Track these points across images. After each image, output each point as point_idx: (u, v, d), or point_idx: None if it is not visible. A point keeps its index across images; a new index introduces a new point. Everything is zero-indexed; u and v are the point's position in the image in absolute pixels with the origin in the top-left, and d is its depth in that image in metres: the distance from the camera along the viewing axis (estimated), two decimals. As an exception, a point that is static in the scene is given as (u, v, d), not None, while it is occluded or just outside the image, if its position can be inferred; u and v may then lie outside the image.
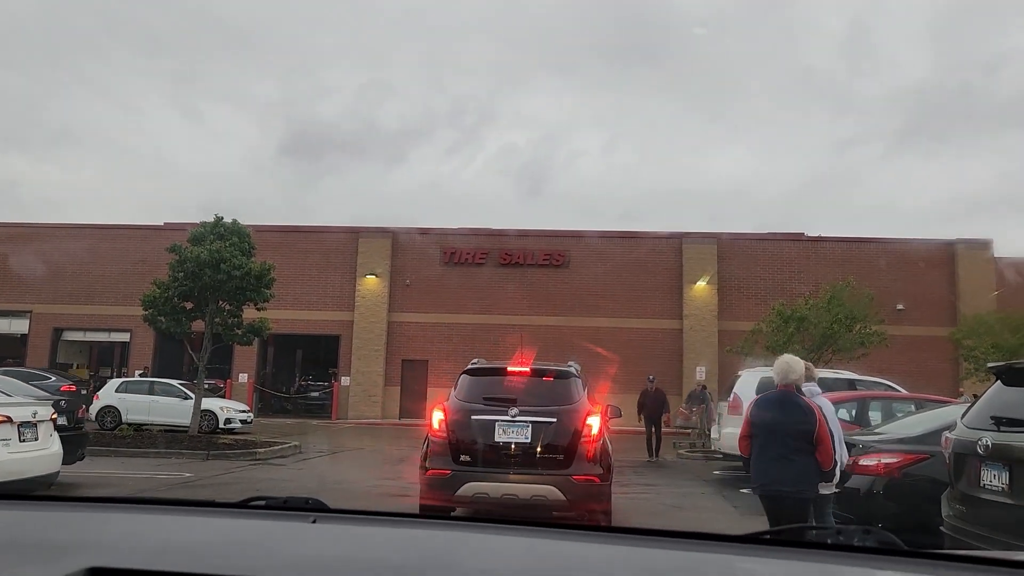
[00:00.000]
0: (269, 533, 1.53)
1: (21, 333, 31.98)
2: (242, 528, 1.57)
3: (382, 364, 30.11)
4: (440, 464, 7.80)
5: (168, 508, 1.81)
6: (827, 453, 5.61)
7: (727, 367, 27.47)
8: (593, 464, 7.72)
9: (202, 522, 1.64)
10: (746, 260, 29.89)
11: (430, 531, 1.61)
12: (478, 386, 8.29)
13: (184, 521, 1.64)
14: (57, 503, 1.82)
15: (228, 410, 21.91)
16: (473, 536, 1.54)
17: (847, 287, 19.16)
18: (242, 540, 1.47)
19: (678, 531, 1.49)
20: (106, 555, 1.29)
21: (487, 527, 1.57)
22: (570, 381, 8.29)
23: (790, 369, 5.81)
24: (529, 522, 1.58)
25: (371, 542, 1.51)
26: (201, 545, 1.43)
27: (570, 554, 1.44)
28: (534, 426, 7.72)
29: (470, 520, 1.64)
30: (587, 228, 33.09)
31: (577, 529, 1.62)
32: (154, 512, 1.74)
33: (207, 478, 11.79)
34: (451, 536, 1.53)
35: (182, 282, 16.18)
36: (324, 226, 31.99)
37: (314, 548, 1.41)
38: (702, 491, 12.47)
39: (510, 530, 1.56)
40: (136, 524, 1.60)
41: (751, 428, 5.84)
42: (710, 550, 1.42)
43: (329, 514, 1.63)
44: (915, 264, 28.89)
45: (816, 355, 18.18)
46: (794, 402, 5.70)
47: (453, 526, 1.61)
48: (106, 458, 14.03)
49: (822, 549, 1.46)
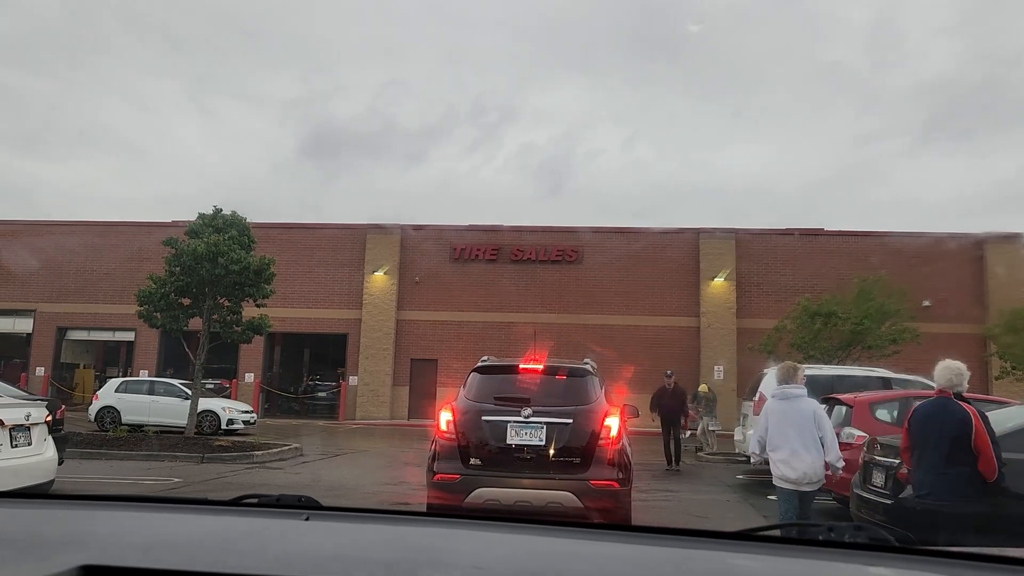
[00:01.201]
0: (261, 530, 1.53)
1: (26, 332, 31.44)
2: (235, 525, 1.56)
3: (390, 363, 29.41)
4: (448, 468, 7.20)
5: (161, 506, 1.80)
6: (989, 463, 5.10)
7: (746, 366, 26.61)
8: (612, 468, 7.08)
9: (195, 519, 1.64)
10: (765, 255, 28.99)
11: (423, 528, 1.61)
12: (489, 385, 7.68)
13: (177, 519, 1.64)
14: (49, 500, 1.81)
15: (230, 410, 21.25)
16: (465, 532, 1.54)
17: (877, 281, 18.23)
18: (234, 537, 1.46)
19: (671, 528, 1.52)
20: (98, 553, 1.29)
21: (479, 524, 1.60)
22: (586, 379, 7.62)
23: (957, 374, 5.45)
24: (522, 519, 1.58)
25: (363, 539, 1.50)
26: (193, 542, 1.42)
27: (563, 551, 1.44)
28: (548, 427, 7.13)
29: (462, 516, 1.69)
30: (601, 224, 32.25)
31: (570, 526, 1.59)
32: (147, 510, 1.74)
33: (196, 483, 11.05)
34: (444, 532, 1.54)
35: (179, 277, 15.47)
36: (331, 223, 31.30)
37: (307, 545, 1.40)
38: (727, 498, 11.63)
39: (502, 527, 1.57)
40: (129, 522, 1.60)
41: (909, 438, 5.55)
42: (702, 546, 1.42)
43: (322, 511, 1.63)
44: (941, 259, 27.86)
45: (844, 353, 17.31)
46: (950, 409, 5.29)
47: (446, 523, 1.63)
48: (95, 461, 13.36)
49: (813, 546, 1.46)
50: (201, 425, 20.63)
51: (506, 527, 1.55)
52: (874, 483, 6.96)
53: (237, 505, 1.72)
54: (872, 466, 7.10)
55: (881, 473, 6.84)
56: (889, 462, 6.71)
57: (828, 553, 1.38)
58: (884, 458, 6.86)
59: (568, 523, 1.59)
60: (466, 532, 1.54)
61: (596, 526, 1.71)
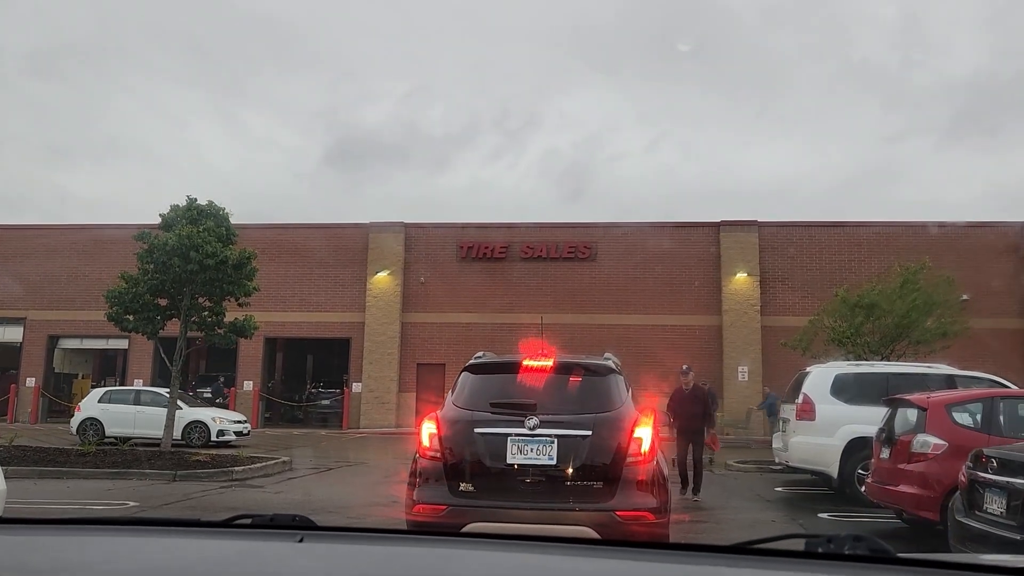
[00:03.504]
0: (254, 553, 1.49)
1: (17, 342, 30.15)
2: (226, 549, 1.53)
3: (396, 368, 27.94)
4: (432, 496, 5.65)
5: (149, 529, 1.75)
6: None
7: (773, 366, 25.01)
8: (644, 494, 5.52)
9: (184, 543, 1.59)
10: (790, 249, 27.35)
11: (422, 548, 1.57)
12: (484, 388, 6.11)
13: (166, 542, 1.60)
14: (32, 526, 1.72)
15: (221, 421, 19.83)
16: (466, 553, 1.51)
17: (921, 269, 16.55)
18: (225, 561, 1.45)
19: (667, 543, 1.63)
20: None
21: (480, 543, 1.57)
22: (608, 379, 6.04)
23: None
24: (522, 537, 1.56)
25: (359, 561, 1.46)
26: (183, 567, 1.41)
27: (562, 569, 1.43)
28: (561, 442, 5.55)
29: (462, 536, 1.64)
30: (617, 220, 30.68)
31: (569, 542, 1.57)
32: (134, 534, 1.69)
33: (154, 506, 9.54)
34: (443, 553, 1.51)
35: (152, 275, 14.00)
36: (331, 222, 29.88)
37: (300, 568, 1.40)
38: (770, 517, 9.99)
39: (509, 546, 1.54)
40: (119, 547, 1.56)
41: None
42: (699, 562, 1.41)
43: (316, 532, 1.60)
44: (979, 251, 26.09)
45: (888, 348, 15.63)
46: None
47: (445, 542, 1.59)
48: (54, 480, 11.91)
49: (812, 559, 1.43)
50: (190, 437, 19.26)
51: (513, 546, 1.51)
52: (989, 509, 5.32)
53: (229, 526, 1.66)
54: (983, 487, 5.46)
55: (999, 497, 5.20)
56: (1011, 482, 5.09)
57: (827, 566, 1.35)
58: (1001, 476, 5.24)
59: (569, 540, 1.57)
60: (469, 553, 1.49)
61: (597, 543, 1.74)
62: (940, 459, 7.65)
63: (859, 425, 10.65)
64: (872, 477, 8.92)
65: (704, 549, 1.45)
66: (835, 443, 10.95)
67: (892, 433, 8.74)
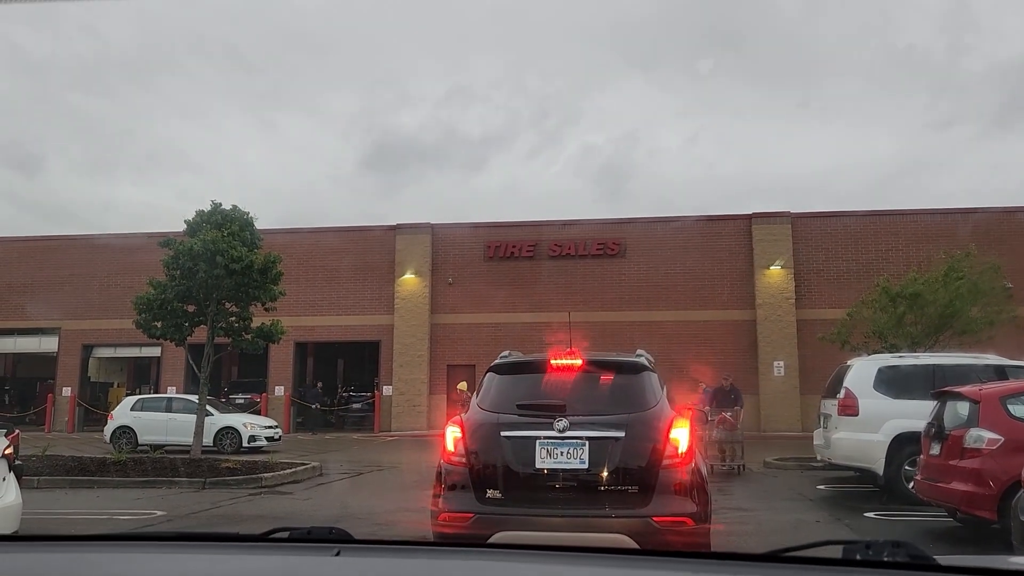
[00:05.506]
0: (290, 569, 1.46)
1: (52, 352, 30.52)
2: (261, 564, 1.49)
3: (426, 370, 27.80)
4: (458, 504, 5.39)
5: (185, 544, 1.67)
6: None
7: (809, 360, 24.44)
8: (683, 498, 5.21)
9: (219, 559, 1.54)
10: (825, 240, 26.71)
11: (461, 561, 1.53)
12: (510, 389, 5.83)
13: (202, 558, 1.54)
14: (55, 543, 1.64)
15: (252, 426, 19.81)
16: (510, 565, 1.48)
17: (966, 256, 15.95)
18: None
19: (699, 552, 1.55)
20: None
21: (512, 554, 1.55)
22: (642, 377, 5.72)
23: None
24: (553, 548, 1.50)
25: (397, 575, 1.45)
26: None
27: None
28: (593, 444, 5.25)
29: (503, 547, 1.61)
30: (643, 214, 30.25)
31: (601, 552, 1.51)
32: (169, 549, 1.61)
33: (182, 516, 9.40)
34: (486, 566, 1.47)
35: (179, 280, 13.93)
36: (358, 225, 29.89)
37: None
38: (815, 518, 9.60)
39: (535, 556, 1.50)
40: (151, 563, 1.51)
41: None
42: (731, 571, 1.38)
43: (354, 544, 1.57)
44: (1022, 236, 25.23)
45: (932, 340, 15.08)
46: None
47: (488, 555, 1.56)
48: (86, 490, 11.87)
49: (851, 566, 1.39)
50: (222, 443, 19.27)
51: (545, 557, 1.48)
52: (1058, 510, 4.95)
53: (265, 540, 1.63)
54: (1050, 486, 5.08)
55: (1070, 497, 4.83)
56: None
57: (866, 573, 1.34)
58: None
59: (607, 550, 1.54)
60: (511, 565, 1.47)
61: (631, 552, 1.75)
62: (996, 454, 7.24)
63: (905, 420, 10.21)
64: (921, 474, 8.51)
65: (738, 558, 1.43)
66: (880, 439, 10.51)
67: (942, 428, 8.31)
